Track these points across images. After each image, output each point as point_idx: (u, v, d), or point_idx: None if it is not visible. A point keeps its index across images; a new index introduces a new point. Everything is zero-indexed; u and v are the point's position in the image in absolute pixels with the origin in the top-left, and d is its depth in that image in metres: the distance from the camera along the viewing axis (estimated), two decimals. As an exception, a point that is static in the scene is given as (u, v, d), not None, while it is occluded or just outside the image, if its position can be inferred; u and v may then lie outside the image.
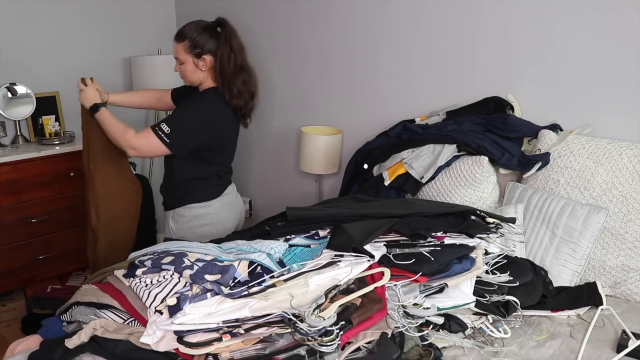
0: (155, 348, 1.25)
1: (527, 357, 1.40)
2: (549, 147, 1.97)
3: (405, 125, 2.34)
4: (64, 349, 1.31)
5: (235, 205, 2.21)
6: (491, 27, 2.19)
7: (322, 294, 1.31)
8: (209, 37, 1.95)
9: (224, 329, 1.25)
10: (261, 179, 3.34)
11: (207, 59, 1.96)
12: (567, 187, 1.89)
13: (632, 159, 1.79)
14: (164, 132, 1.89)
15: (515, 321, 1.53)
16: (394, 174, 2.13)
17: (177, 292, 1.36)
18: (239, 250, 1.59)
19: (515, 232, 1.78)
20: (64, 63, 2.93)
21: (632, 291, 1.74)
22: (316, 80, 2.87)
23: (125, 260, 1.65)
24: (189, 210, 2.06)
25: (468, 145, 2.05)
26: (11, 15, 2.83)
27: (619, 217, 1.78)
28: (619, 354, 1.40)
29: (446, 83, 2.38)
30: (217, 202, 2.10)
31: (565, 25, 2.00)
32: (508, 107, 2.17)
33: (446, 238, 1.59)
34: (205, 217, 2.08)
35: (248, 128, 2.17)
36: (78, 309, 1.51)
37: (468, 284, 1.44)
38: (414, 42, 2.44)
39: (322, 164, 2.68)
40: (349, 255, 1.45)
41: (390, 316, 1.32)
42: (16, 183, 2.60)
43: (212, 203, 2.08)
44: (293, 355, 1.21)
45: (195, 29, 1.95)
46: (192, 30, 1.95)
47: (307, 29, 2.83)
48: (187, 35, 1.95)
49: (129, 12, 3.22)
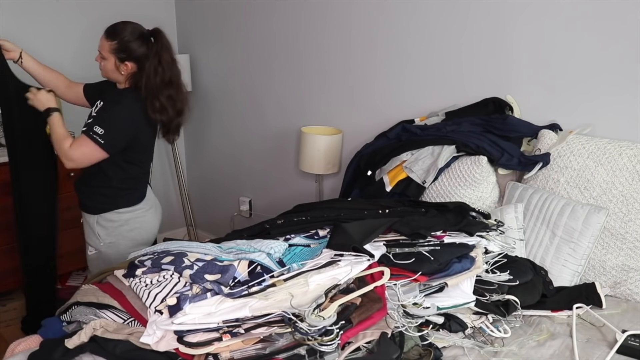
0: (155, 348, 1.25)
1: (527, 357, 1.40)
2: (549, 147, 1.97)
3: (404, 126, 2.34)
4: (63, 349, 1.31)
5: (157, 206, 2.22)
6: (491, 27, 2.19)
7: (322, 293, 1.31)
8: (139, 46, 1.91)
9: (224, 329, 1.25)
10: (261, 179, 3.34)
11: (130, 66, 1.93)
12: (567, 187, 1.89)
13: (632, 159, 1.79)
14: (98, 134, 1.85)
15: (515, 321, 1.53)
16: (394, 179, 2.12)
17: (177, 292, 1.36)
18: (238, 249, 1.59)
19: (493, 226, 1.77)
20: (64, 63, 2.93)
21: (632, 291, 1.74)
22: (316, 80, 2.87)
23: (125, 260, 1.65)
24: (118, 215, 2.03)
25: (467, 145, 2.04)
26: (11, 15, 2.83)
27: (619, 217, 1.78)
28: (612, 350, 1.41)
29: (446, 83, 2.38)
30: (143, 205, 2.09)
31: (565, 25, 2.00)
32: (507, 108, 2.17)
33: (446, 237, 1.59)
34: (135, 221, 2.06)
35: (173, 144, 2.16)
36: (78, 309, 1.51)
37: (468, 283, 1.44)
38: (414, 42, 2.44)
39: (322, 164, 2.68)
40: (349, 254, 1.45)
41: (390, 316, 1.32)
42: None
43: (139, 206, 2.07)
44: (293, 354, 1.21)
45: (130, 33, 1.91)
46: (125, 33, 1.91)
47: (307, 29, 2.83)
48: (118, 36, 1.91)
49: (129, 12, 3.21)
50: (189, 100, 2.05)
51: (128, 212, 2.04)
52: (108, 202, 2.02)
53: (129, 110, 1.92)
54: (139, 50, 1.91)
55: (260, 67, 3.14)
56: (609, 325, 1.52)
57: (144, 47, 1.92)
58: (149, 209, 2.11)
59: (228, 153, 3.51)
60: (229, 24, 3.23)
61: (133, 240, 2.06)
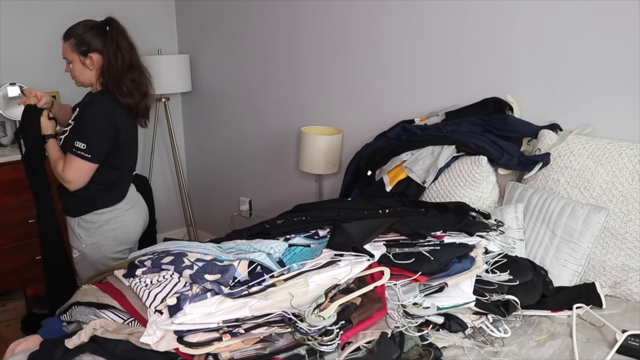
0: (155, 348, 1.25)
1: (527, 357, 1.39)
2: (549, 147, 1.97)
3: (404, 126, 2.34)
4: (63, 349, 1.31)
5: (139, 203, 2.21)
6: (490, 27, 2.19)
7: (322, 293, 1.31)
8: (95, 36, 1.94)
9: (224, 329, 1.25)
10: (261, 179, 3.34)
11: (95, 58, 1.94)
12: (567, 187, 1.89)
13: (632, 159, 1.79)
14: (81, 149, 1.87)
15: (515, 321, 1.53)
16: (394, 179, 2.12)
17: (177, 292, 1.36)
18: (238, 250, 1.59)
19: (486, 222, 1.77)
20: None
21: (632, 291, 1.74)
22: (316, 80, 2.87)
23: (125, 260, 1.65)
24: (98, 215, 2.03)
25: (467, 145, 2.04)
26: (11, 15, 2.83)
27: (619, 217, 1.78)
28: (612, 350, 1.40)
29: (446, 83, 2.38)
30: (123, 204, 2.09)
31: (564, 25, 2.00)
32: (507, 108, 2.17)
33: (446, 237, 1.59)
34: (115, 221, 2.06)
35: (147, 127, 2.16)
36: (78, 309, 1.52)
37: (468, 283, 1.44)
38: (414, 42, 2.44)
39: (322, 164, 2.68)
40: (349, 254, 1.45)
41: (390, 316, 1.32)
42: (16, 183, 2.60)
43: (119, 206, 2.07)
44: (293, 354, 1.21)
45: (82, 27, 1.95)
46: (78, 29, 1.95)
47: (306, 28, 2.83)
48: (73, 33, 1.94)
49: (129, 12, 3.22)
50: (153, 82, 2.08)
51: (107, 212, 2.04)
52: (87, 204, 2.02)
53: (103, 111, 1.93)
54: (96, 39, 1.94)
55: (261, 67, 3.14)
56: (609, 325, 1.52)
57: (100, 36, 1.95)
58: (129, 208, 2.11)
59: (228, 153, 3.51)
60: (229, 24, 3.23)
61: (115, 240, 2.06)
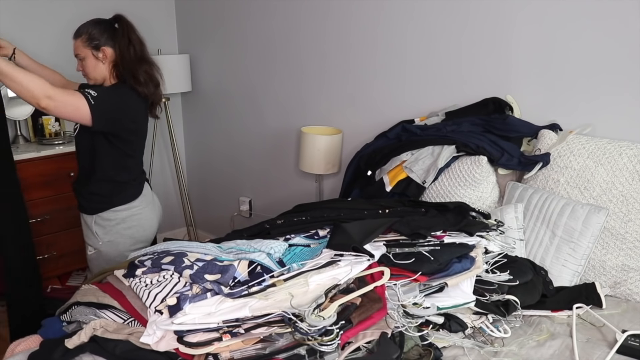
0: (155, 348, 1.25)
1: (527, 357, 1.39)
2: (549, 147, 1.97)
3: (404, 126, 2.34)
4: (63, 349, 1.31)
5: (154, 203, 2.21)
6: (490, 27, 2.19)
7: (322, 293, 1.31)
8: (105, 30, 1.97)
9: (224, 329, 1.25)
10: (261, 179, 3.34)
11: (107, 51, 1.96)
12: (567, 187, 1.89)
13: (632, 159, 1.79)
14: (91, 94, 1.83)
15: (515, 321, 1.53)
16: (394, 179, 2.12)
17: (177, 292, 1.36)
18: (238, 250, 1.59)
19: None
20: (63, 63, 2.93)
21: (632, 291, 1.74)
22: (316, 80, 2.87)
23: (125, 260, 1.65)
24: (115, 213, 2.04)
25: (467, 145, 2.04)
26: (11, 15, 2.83)
27: (619, 217, 1.78)
28: (612, 351, 1.40)
29: (445, 83, 2.38)
30: (139, 202, 2.09)
31: (564, 25, 2.00)
32: (507, 108, 2.17)
33: (446, 237, 1.59)
34: (132, 219, 2.07)
35: (159, 118, 2.18)
36: (78, 309, 1.51)
37: (468, 283, 1.44)
38: (414, 42, 2.44)
39: (322, 164, 2.68)
40: (349, 254, 1.45)
41: (390, 316, 1.32)
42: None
43: (134, 204, 2.07)
44: (293, 355, 1.21)
45: (92, 24, 1.98)
46: (87, 26, 1.97)
47: (306, 28, 2.83)
48: (83, 30, 1.96)
49: (129, 12, 3.21)
50: (162, 75, 2.10)
51: (125, 210, 2.05)
52: (104, 202, 2.02)
53: (121, 92, 1.95)
54: (107, 34, 1.96)
55: (261, 67, 3.14)
56: (609, 325, 1.52)
57: (110, 32, 1.98)
58: (145, 206, 2.11)
59: (228, 153, 3.51)
60: (229, 24, 3.23)
61: (132, 238, 2.07)
